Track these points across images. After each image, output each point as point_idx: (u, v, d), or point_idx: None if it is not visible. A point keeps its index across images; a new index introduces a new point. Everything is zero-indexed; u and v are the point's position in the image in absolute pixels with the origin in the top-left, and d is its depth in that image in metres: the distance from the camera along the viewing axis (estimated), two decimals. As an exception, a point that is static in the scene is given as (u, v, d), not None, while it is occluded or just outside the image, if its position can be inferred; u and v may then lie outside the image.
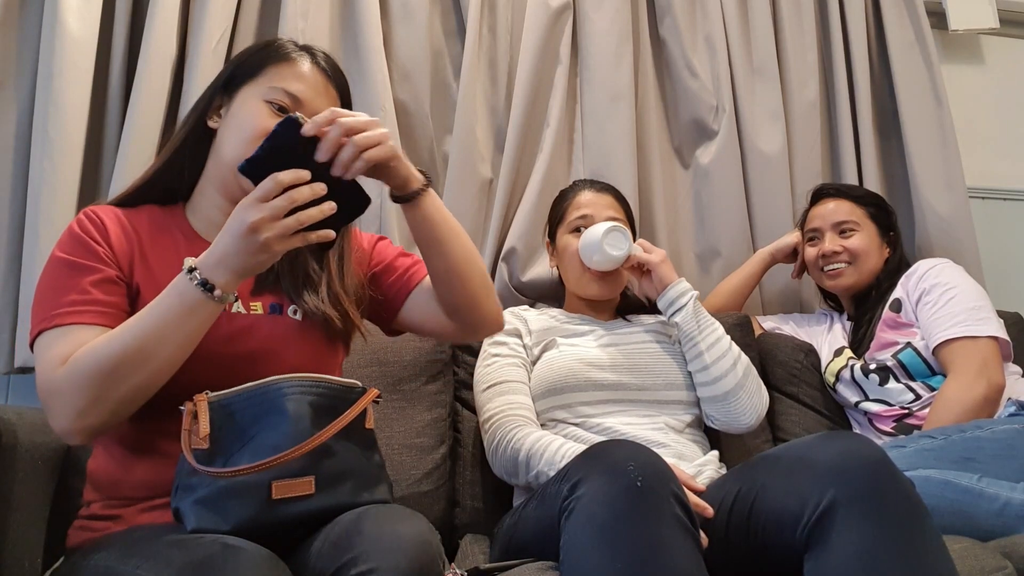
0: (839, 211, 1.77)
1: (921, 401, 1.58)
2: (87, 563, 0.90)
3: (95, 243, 1.01)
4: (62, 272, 0.99)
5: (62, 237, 1.03)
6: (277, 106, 1.04)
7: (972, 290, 1.61)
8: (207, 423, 0.90)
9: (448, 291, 1.11)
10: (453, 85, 1.97)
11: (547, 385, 1.40)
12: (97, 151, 1.71)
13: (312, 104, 1.05)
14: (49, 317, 0.95)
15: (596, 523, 0.90)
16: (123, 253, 1.03)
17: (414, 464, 1.48)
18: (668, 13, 2.06)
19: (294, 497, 0.90)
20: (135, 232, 1.06)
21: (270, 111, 1.04)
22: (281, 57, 1.08)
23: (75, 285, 0.97)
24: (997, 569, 1.03)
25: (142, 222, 1.08)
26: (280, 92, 1.05)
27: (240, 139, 1.03)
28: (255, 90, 1.06)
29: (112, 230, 1.04)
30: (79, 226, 1.03)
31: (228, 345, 1.00)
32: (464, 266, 1.09)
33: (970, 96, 2.37)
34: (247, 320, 1.04)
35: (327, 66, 1.11)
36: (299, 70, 1.08)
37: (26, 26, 1.69)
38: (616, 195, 1.62)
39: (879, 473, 0.93)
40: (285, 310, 1.08)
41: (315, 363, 1.03)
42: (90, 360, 0.89)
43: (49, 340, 0.94)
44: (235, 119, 1.06)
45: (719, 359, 1.41)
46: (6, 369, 1.59)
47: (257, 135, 1.01)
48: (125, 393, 0.90)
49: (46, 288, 0.99)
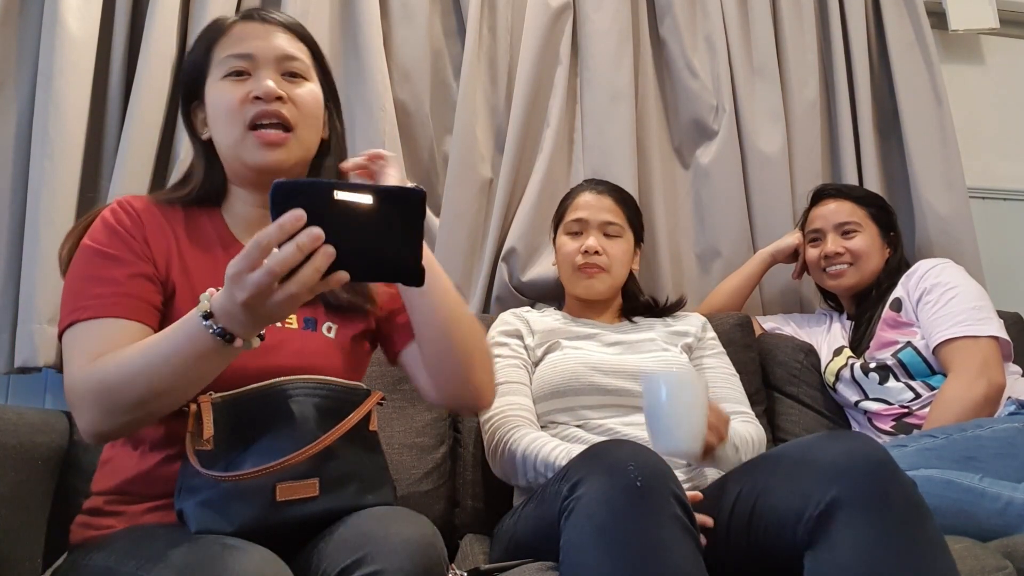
0: (840, 212, 1.77)
1: (921, 400, 1.58)
2: (88, 563, 0.90)
3: (130, 236, 0.98)
4: (95, 262, 0.96)
5: (94, 226, 1.00)
6: (234, 73, 1.02)
7: (973, 290, 1.61)
8: (211, 425, 0.89)
9: (440, 369, 1.06)
10: (453, 85, 1.97)
11: (550, 387, 1.39)
12: (97, 151, 1.71)
13: (264, 51, 1.02)
14: (81, 308, 0.93)
15: (596, 523, 0.90)
16: (160, 250, 1.00)
17: (414, 464, 1.48)
18: (668, 13, 2.06)
19: (298, 499, 0.89)
20: (171, 229, 1.03)
21: (232, 83, 1.01)
22: (219, 31, 1.05)
23: (109, 276, 0.95)
24: (998, 569, 1.03)
25: (178, 220, 1.05)
26: (230, 60, 1.02)
27: (225, 127, 1.02)
28: (213, 76, 1.04)
29: (148, 224, 1.01)
30: (113, 216, 0.99)
31: (258, 359, 0.93)
32: (467, 345, 1.05)
33: (970, 96, 2.38)
34: (280, 335, 1.00)
35: (267, 15, 1.07)
36: (236, 32, 1.04)
37: (26, 26, 1.69)
38: (619, 198, 1.59)
39: (881, 473, 0.93)
40: (320, 326, 1.06)
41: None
42: (105, 374, 0.87)
43: (79, 332, 0.92)
44: (213, 112, 1.04)
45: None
46: (6, 369, 1.58)
47: (232, 111, 1.00)
48: (135, 415, 0.87)
49: (78, 278, 0.96)
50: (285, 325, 1.02)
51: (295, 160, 1.04)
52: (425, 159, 1.94)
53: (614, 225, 1.54)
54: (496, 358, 1.45)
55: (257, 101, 1.00)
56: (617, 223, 1.55)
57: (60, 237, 1.54)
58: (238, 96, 1.00)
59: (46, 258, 1.55)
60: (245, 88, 1.01)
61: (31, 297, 1.55)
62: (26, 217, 1.60)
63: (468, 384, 1.07)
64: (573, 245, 1.55)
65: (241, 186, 1.08)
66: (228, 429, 0.91)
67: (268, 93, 1.00)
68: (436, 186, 1.94)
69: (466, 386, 1.07)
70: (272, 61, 1.03)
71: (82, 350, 0.90)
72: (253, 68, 1.02)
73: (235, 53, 1.02)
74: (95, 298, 0.93)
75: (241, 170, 1.05)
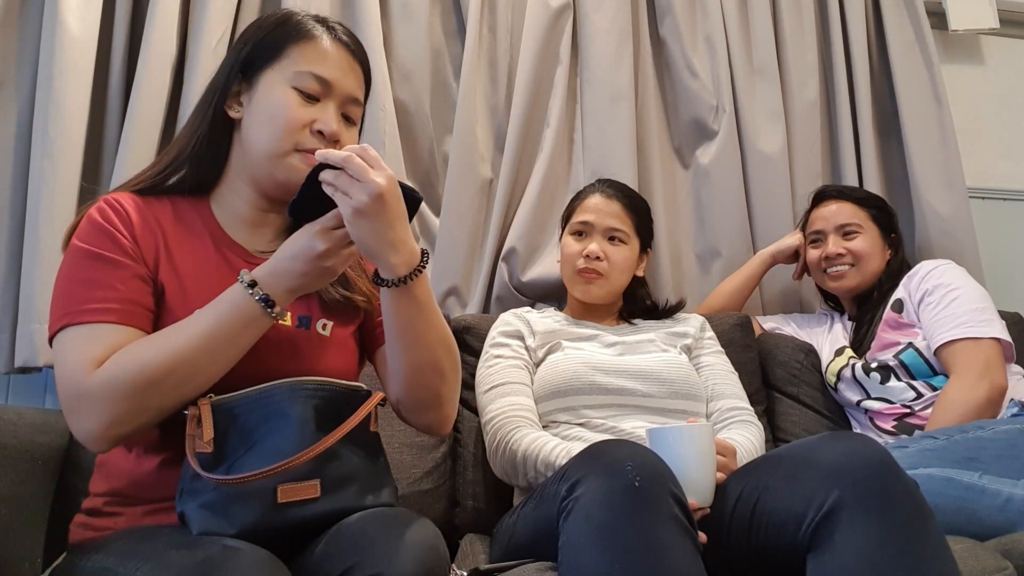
0: (842, 213, 1.77)
1: (923, 400, 1.58)
2: (87, 564, 0.89)
3: (120, 235, 0.96)
4: (86, 264, 0.94)
5: (82, 226, 0.97)
6: (307, 95, 1.00)
7: (975, 291, 1.61)
8: (211, 427, 0.89)
9: (416, 387, 1.04)
10: (453, 85, 1.97)
11: (551, 388, 1.40)
12: (97, 151, 1.71)
13: (341, 85, 1.02)
14: (74, 312, 0.91)
15: (594, 523, 0.90)
16: (148, 248, 0.98)
17: (414, 463, 1.48)
18: (668, 13, 2.06)
19: (300, 500, 0.89)
20: (158, 224, 1.00)
21: (300, 99, 0.99)
22: (302, 35, 1.02)
23: (101, 280, 0.93)
24: (998, 570, 1.03)
25: (166, 213, 1.02)
26: (308, 77, 1.00)
27: (273, 132, 0.99)
28: (279, 75, 1.00)
29: (136, 222, 0.98)
30: (101, 215, 0.97)
31: (252, 361, 0.93)
32: (442, 361, 1.02)
33: (970, 96, 2.37)
34: (276, 333, 0.99)
35: (348, 40, 1.06)
36: (322, 48, 1.02)
37: (26, 26, 1.69)
38: (628, 203, 1.57)
39: (883, 473, 0.93)
40: (313, 325, 1.05)
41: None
42: (134, 368, 0.86)
43: (75, 337, 0.90)
44: (263, 109, 1.00)
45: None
46: (6, 369, 1.59)
47: (291, 127, 0.98)
48: (165, 404, 0.88)
49: (68, 280, 0.94)
50: (280, 323, 1.00)
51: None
52: (425, 159, 1.94)
53: (619, 232, 1.54)
54: (498, 359, 1.46)
55: (319, 135, 1.00)
56: (623, 230, 1.54)
57: (60, 237, 1.56)
58: (303, 119, 0.99)
59: (46, 258, 1.55)
60: (311, 114, 1.00)
61: (31, 297, 1.55)
62: (26, 217, 1.60)
63: (454, 400, 1.08)
64: (576, 247, 1.55)
65: (244, 180, 1.05)
66: (229, 431, 0.90)
67: (332, 135, 1.00)
68: (436, 186, 1.94)
69: (432, 405, 1.06)
70: (342, 99, 1.03)
71: (86, 356, 0.88)
72: (324, 96, 1.01)
73: (316, 73, 1.00)
74: (92, 301, 0.91)
75: (263, 177, 1.02)
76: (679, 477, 0.96)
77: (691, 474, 1.03)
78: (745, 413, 1.43)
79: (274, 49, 1.02)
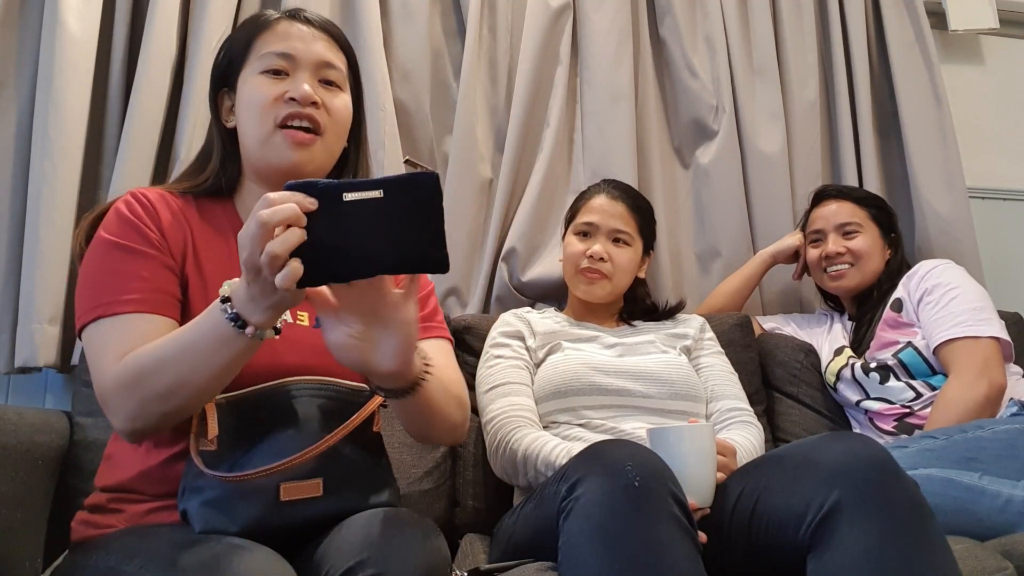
0: (841, 212, 1.78)
1: (922, 400, 1.58)
2: (89, 562, 0.89)
3: (146, 227, 0.97)
4: (113, 255, 0.95)
5: (108, 218, 0.98)
6: (272, 71, 1.02)
7: (974, 291, 1.61)
8: (215, 425, 0.89)
9: (428, 438, 1.08)
10: (453, 85, 1.97)
11: (551, 388, 1.40)
12: (97, 151, 1.71)
13: (306, 54, 1.03)
14: (103, 304, 0.91)
15: (594, 523, 0.90)
16: (175, 241, 0.99)
17: (414, 463, 1.48)
18: (668, 13, 2.06)
19: (302, 499, 0.89)
20: (186, 220, 1.02)
21: (269, 80, 1.01)
22: (261, 26, 1.05)
23: (128, 270, 0.93)
24: (998, 570, 1.03)
25: (192, 211, 1.04)
26: (271, 57, 1.02)
27: (254, 121, 1.01)
28: (249, 70, 1.03)
29: (163, 215, 1.00)
30: (127, 207, 0.98)
31: (266, 356, 0.93)
32: (454, 417, 1.02)
33: (970, 96, 2.38)
34: (294, 333, 0.99)
35: (313, 18, 1.07)
36: (281, 29, 1.04)
37: (26, 26, 1.69)
38: (633, 205, 1.58)
39: (884, 474, 0.93)
40: None
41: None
42: (133, 369, 0.86)
43: (103, 330, 0.91)
44: (245, 105, 1.03)
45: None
46: (6, 369, 1.59)
47: (265, 105, 1.00)
48: (165, 409, 0.87)
49: (96, 272, 0.94)
50: (297, 322, 1.02)
51: (318, 164, 1.04)
52: (425, 159, 1.94)
53: (623, 233, 1.54)
54: (498, 359, 1.46)
55: (291, 102, 1.00)
56: (627, 231, 1.54)
57: (60, 237, 1.57)
58: (273, 94, 1.00)
59: (46, 258, 1.55)
60: (281, 87, 1.01)
61: (31, 297, 1.55)
62: (26, 217, 1.60)
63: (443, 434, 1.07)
64: (579, 247, 1.55)
65: (257, 182, 1.07)
66: (232, 429, 0.90)
67: (304, 97, 1.00)
68: (436, 186, 1.94)
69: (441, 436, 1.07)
70: (311, 65, 1.03)
71: (110, 348, 0.89)
72: (292, 69, 1.02)
73: (276, 51, 1.02)
74: (120, 292, 0.92)
75: (262, 166, 1.04)
76: (679, 477, 0.97)
77: (691, 474, 1.03)
78: (745, 414, 1.43)
79: (243, 49, 1.05)
